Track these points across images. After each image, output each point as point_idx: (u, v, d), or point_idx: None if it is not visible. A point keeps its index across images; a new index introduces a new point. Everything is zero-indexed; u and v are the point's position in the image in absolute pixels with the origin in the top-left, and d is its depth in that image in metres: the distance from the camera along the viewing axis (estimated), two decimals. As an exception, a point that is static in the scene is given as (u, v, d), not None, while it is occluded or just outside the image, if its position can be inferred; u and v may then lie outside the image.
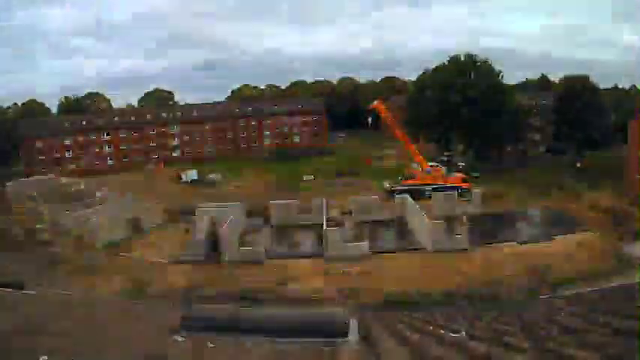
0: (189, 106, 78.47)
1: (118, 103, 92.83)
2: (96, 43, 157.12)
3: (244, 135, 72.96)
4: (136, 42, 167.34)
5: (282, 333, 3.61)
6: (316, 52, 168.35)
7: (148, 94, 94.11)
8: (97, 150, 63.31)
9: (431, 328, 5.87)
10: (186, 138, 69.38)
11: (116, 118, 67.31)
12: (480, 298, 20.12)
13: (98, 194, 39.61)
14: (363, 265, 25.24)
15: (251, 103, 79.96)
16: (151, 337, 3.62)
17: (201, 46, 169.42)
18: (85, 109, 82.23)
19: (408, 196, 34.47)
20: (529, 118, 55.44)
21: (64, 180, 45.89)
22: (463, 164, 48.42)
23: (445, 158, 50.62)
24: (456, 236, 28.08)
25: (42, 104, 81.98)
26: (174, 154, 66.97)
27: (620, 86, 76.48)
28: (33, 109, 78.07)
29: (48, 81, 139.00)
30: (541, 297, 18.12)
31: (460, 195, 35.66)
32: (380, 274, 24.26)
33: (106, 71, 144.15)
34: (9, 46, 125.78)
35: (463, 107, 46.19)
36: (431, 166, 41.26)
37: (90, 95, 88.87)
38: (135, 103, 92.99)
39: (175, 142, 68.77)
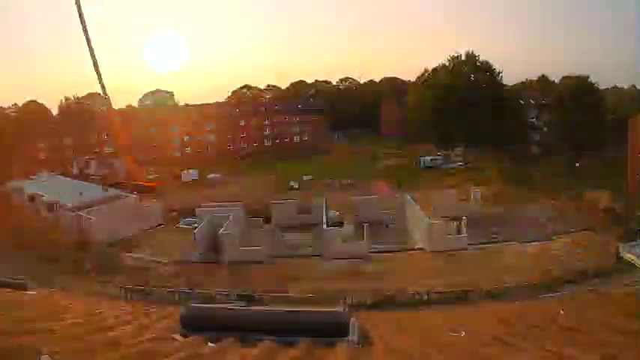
0: (190, 107, 78.56)
1: (118, 103, 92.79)
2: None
3: (244, 135, 73.04)
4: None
5: (282, 332, 3.59)
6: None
7: (148, 95, 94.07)
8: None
9: (431, 327, 5.87)
10: (186, 138, 69.52)
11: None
12: (480, 297, 20.10)
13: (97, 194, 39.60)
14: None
15: (251, 103, 79.99)
16: (150, 336, 3.62)
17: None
18: (85, 109, 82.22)
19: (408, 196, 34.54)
20: (529, 118, 55.52)
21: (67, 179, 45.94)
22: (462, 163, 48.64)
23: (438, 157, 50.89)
24: (456, 236, 28.09)
25: (41, 104, 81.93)
26: (174, 154, 67.15)
27: (619, 86, 76.48)
28: (33, 109, 78.03)
29: (48, 81, 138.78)
30: (541, 296, 18.12)
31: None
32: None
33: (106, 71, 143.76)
34: (8, 46, 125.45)
35: (463, 107, 46.23)
36: None
37: (90, 95, 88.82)
38: (135, 103, 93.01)
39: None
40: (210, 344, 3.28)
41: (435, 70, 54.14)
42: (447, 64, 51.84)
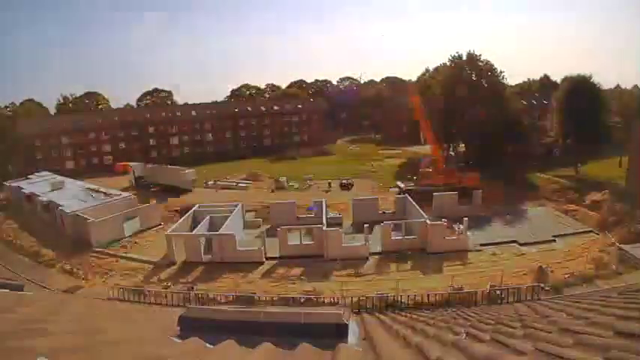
0: (189, 106, 78.40)
1: (116, 102, 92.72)
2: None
3: (244, 135, 72.92)
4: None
5: (282, 333, 3.57)
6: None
7: (146, 94, 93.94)
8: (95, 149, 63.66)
9: (432, 328, 5.84)
10: (185, 138, 69.41)
11: (116, 118, 67.39)
12: (481, 298, 20.09)
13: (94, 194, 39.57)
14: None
15: (251, 103, 79.91)
16: (149, 338, 3.59)
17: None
18: (83, 108, 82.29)
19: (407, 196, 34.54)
20: (530, 118, 55.46)
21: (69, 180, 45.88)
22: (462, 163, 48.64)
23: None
24: (456, 237, 28.04)
25: (40, 104, 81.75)
26: (173, 154, 67.06)
27: (623, 86, 76.40)
28: (31, 109, 77.86)
29: (46, 81, 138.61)
30: (542, 298, 18.11)
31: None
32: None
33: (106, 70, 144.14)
34: (7, 46, 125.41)
35: (464, 107, 46.13)
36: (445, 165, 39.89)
37: (88, 95, 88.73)
38: (133, 102, 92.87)
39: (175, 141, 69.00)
40: (208, 346, 3.25)
41: (435, 69, 54.08)
42: (448, 63, 51.73)
